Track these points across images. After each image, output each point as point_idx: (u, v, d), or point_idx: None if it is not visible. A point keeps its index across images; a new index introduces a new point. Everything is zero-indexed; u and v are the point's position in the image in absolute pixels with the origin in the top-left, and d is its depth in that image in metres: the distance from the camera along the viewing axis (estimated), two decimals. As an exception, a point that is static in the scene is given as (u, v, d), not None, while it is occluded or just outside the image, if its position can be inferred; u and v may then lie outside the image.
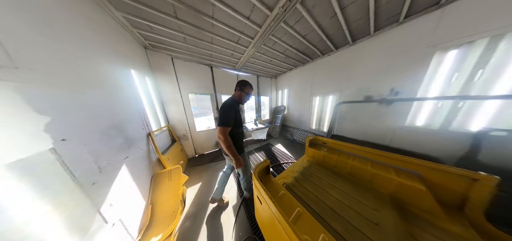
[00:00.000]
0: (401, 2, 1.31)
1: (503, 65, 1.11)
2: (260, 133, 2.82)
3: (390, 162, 0.97)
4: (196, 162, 2.75)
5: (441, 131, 1.41)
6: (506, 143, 1.06)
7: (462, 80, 1.28)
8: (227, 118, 0.93)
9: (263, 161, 1.01)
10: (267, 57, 2.59)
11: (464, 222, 0.66)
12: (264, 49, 2.23)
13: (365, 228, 0.65)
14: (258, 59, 2.70)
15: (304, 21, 1.46)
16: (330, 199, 0.90)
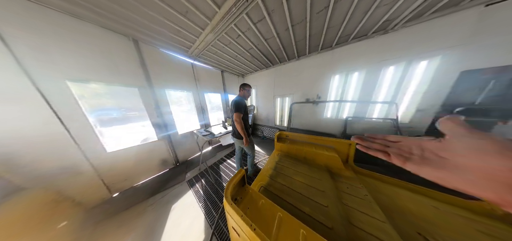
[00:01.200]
0: (318, 39, 1.98)
1: (354, 86, 2.34)
2: (228, 137, 2.48)
3: (321, 142, 1.44)
4: (119, 204, 1.59)
5: (335, 119, 2.60)
6: (354, 123, 2.32)
7: (342, 91, 2.46)
8: (240, 107, 1.32)
9: (237, 173, 0.84)
10: (232, 52, 2.25)
11: (349, 168, 1.22)
12: (227, 41, 1.86)
13: (319, 198, 0.85)
14: (222, 51, 2.23)
15: (265, 24, 1.48)
16: (297, 184, 1.04)
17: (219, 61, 2.68)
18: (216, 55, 2.38)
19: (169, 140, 2.30)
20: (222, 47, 2.03)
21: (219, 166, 2.43)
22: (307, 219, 0.72)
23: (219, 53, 2.26)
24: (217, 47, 2.04)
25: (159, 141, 2.16)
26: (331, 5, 1.16)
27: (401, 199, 0.93)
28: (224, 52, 2.25)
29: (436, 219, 0.77)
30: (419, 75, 1.72)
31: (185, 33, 1.62)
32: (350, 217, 0.76)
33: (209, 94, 3.20)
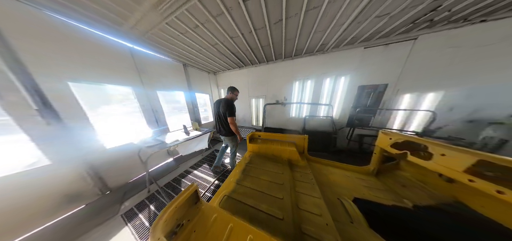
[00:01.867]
0: (280, 48, 2.27)
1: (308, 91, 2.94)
2: (197, 143, 2.04)
3: (286, 139, 1.67)
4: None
5: (297, 118, 3.14)
6: (310, 120, 2.91)
7: (301, 95, 3.02)
8: (233, 110, 1.57)
9: (187, 189, 0.69)
10: (194, 44, 1.94)
11: (304, 158, 1.48)
12: (183, 29, 1.56)
13: (277, 192, 0.94)
14: (180, 41, 1.85)
15: (226, 20, 1.42)
16: (262, 183, 1.08)
17: (179, 52, 2.22)
18: (173, 45, 1.95)
19: (85, 161, 1.49)
20: (178, 35, 1.69)
21: (181, 181, 1.97)
22: (262, 216, 0.74)
23: (176, 42, 1.87)
24: (170, 34, 1.66)
25: (57, 166, 1.31)
26: (284, 19, 1.35)
27: (332, 175, 1.25)
28: (183, 42, 1.89)
29: (345, 183, 1.09)
30: (341, 86, 2.54)
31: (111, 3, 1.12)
32: (298, 202, 0.90)
33: (164, 92, 2.53)
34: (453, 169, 0.69)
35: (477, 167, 0.62)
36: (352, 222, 0.76)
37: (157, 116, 2.32)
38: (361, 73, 2.28)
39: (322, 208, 0.80)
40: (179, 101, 2.88)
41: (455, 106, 1.85)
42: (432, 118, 1.92)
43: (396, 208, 0.81)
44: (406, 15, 1.39)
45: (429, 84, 1.92)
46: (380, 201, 0.90)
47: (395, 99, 2.18)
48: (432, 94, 1.97)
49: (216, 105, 1.65)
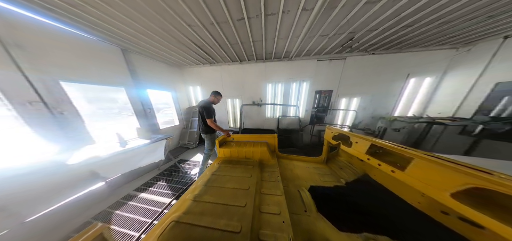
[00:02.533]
0: (250, 49, 2.27)
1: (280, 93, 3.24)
2: (144, 156, 1.48)
3: (259, 139, 1.66)
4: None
5: (272, 118, 3.33)
6: (282, 120, 3.18)
7: (274, 96, 3.24)
8: (210, 112, 1.63)
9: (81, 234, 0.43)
10: (135, 24, 1.41)
11: (274, 156, 1.52)
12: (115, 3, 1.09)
13: (240, 200, 0.86)
14: (111, 16, 1.27)
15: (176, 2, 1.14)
16: (225, 193, 0.97)
17: (111, 30, 1.54)
18: (98, 19, 1.31)
19: None
20: (107, 9, 1.14)
21: (111, 214, 1.34)
22: (217, 236, 0.63)
23: (104, 16, 1.28)
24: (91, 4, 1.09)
25: None
26: (246, 18, 1.34)
27: (296, 169, 1.35)
28: (117, 19, 1.34)
29: (305, 175, 1.21)
30: (304, 90, 3.00)
31: None
32: (262, 205, 0.86)
33: (84, 84, 1.69)
34: (360, 152, 0.96)
35: (371, 149, 0.91)
36: (305, 211, 0.85)
37: (63, 121, 1.46)
38: (317, 80, 2.82)
39: (282, 205, 0.82)
40: (116, 100, 2.04)
41: (365, 107, 2.78)
42: (355, 115, 2.78)
43: (336, 188, 1.05)
44: (337, 40, 1.89)
45: (353, 91, 2.74)
46: (327, 184, 1.10)
47: (338, 101, 2.90)
48: (355, 98, 2.83)
49: (199, 104, 1.72)
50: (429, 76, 2.40)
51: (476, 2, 1.14)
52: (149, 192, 1.61)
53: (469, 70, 2.05)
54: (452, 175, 0.49)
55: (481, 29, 1.59)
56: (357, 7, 1.18)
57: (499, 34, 1.73)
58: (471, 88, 2.03)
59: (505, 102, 1.77)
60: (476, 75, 1.97)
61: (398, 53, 2.31)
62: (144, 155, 1.46)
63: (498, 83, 1.82)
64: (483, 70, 1.92)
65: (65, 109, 1.47)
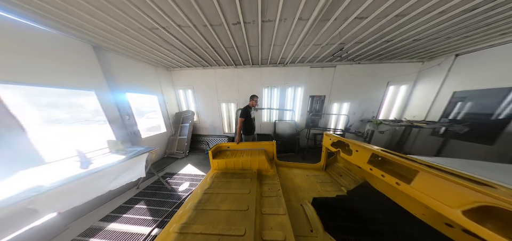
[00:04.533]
0: (246, 54, 2.26)
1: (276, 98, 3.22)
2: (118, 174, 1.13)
3: (256, 147, 1.56)
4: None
5: (269, 122, 3.27)
6: (278, 124, 3.15)
7: (270, 101, 3.22)
8: (243, 114, 1.85)
9: None
10: (110, 18, 1.17)
11: (273, 164, 1.43)
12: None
13: (238, 226, 0.73)
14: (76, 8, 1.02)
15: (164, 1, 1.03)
16: (221, 218, 0.84)
17: (75, 23, 1.25)
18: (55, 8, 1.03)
19: None
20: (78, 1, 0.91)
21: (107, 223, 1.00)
22: None
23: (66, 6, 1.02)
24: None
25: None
26: (242, 23, 1.29)
27: (296, 178, 1.24)
28: (85, 10, 1.09)
29: (306, 185, 1.13)
30: (299, 95, 3.08)
31: None
32: (264, 228, 0.74)
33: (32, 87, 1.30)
34: (361, 161, 0.95)
35: (372, 158, 0.91)
36: (311, 231, 0.77)
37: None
38: (311, 86, 2.93)
39: (286, 228, 0.71)
40: (83, 106, 1.65)
41: (355, 111, 2.99)
42: (347, 119, 2.94)
43: (338, 197, 1.00)
44: (328, 49, 2.01)
45: (343, 97, 2.93)
46: (329, 194, 1.04)
47: (330, 106, 3.04)
48: (345, 103, 3.02)
49: None
50: (404, 84, 2.74)
51: (441, 25, 1.34)
52: (121, 221, 1.27)
53: (434, 80, 2.42)
54: (460, 192, 0.48)
55: (439, 46, 1.90)
56: (348, 21, 1.26)
57: (452, 52, 2.12)
58: (436, 95, 2.38)
59: (460, 106, 2.13)
60: (438, 85, 2.33)
61: (379, 63, 2.60)
62: (117, 175, 1.14)
63: (455, 92, 2.18)
64: (443, 81, 2.30)
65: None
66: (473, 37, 1.60)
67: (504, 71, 1.74)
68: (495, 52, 1.82)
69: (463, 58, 2.10)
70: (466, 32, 1.50)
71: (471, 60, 2.03)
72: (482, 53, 1.91)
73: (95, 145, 1.47)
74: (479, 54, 1.95)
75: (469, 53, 2.03)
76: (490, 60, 1.86)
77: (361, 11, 1.13)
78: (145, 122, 2.80)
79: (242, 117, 1.80)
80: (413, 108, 2.75)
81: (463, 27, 1.40)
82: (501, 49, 1.77)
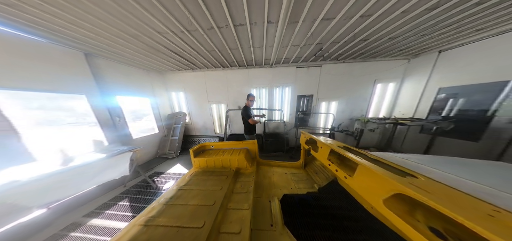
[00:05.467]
0: (229, 55, 2.33)
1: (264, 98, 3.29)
2: (99, 172, 1.22)
3: (239, 146, 1.57)
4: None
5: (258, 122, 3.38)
6: (269, 124, 3.16)
7: (259, 101, 3.28)
8: (248, 112, 1.98)
9: None
10: (91, 27, 1.27)
11: (254, 163, 1.45)
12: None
13: (199, 219, 0.76)
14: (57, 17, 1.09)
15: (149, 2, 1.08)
16: (185, 213, 0.85)
17: (66, 34, 1.39)
18: (45, 20, 1.15)
19: None
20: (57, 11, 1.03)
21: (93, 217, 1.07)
22: None
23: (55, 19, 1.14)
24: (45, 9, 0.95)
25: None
26: (216, 28, 1.37)
27: (274, 175, 1.27)
28: (74, 23, 1.20)
29: (281, 182, 1.16)
30: (287, 95, 3.12)
31: None
32: (223, 222, 0.77)
33: (25, 92, 1.42)
34: (323, 157, 0.98)
35: (330, 155, 0.93)
36: (272, 225, 0.79)
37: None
38: (298, 86, 2.97)
39: (245, 222, 0.74)
40: (73, 109, 1.77)
41: (343, 110, 2.99)
42: (332, 118, 2.94)
43: (308, 194, 1.02)
44: (308, 50, 2.06)
45: (330, 95, 2.95)
46: (301, 191, 1.06)
47: (318, 105, 3.06)
48: (333, 102, 3.04)
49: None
50: (391, 82, 2.74)
51: (409, 24, 1.37)
52: (103, 217, 1.36)
53: (419, 77, 2.41)
54: (383, 182, 0.50)
55: (421, 43, 1.91)
56: (317, 22, 1.32)
57: (436, 48, 2.12)
58: (422, 92, 2.37)
59: (452, 103, 2.08)
60: (424, 82, 2.32)
61: (364, 62, 2.61)
62: (97, 173, 1.22)
63: (441, 88, 2.17)
64: (428, 78, 2.29)
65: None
66: (448, 34, 1.61)
67: (486, 66, 1.73)
68: (475, 48, 1.81)
69: (447, 54, 2.10)
70: (440, 30, 1.52)
71: (454, 56, 2.02)
72: (464, 48, 1.91)
73: (83, 145, 1.56)
74: (461, 50, 1.94)
75: (453, 49, 2.02)
76: (471, 56, 1.85)
77: (326, 12, 1.18)
78: (137, 123, 2.90)
79: (249, 116, 1.92)
80: (401, 106, 2.73)
81: (433, 25, 1.42)
82: (480, 45, 1.76)
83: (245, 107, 1.96)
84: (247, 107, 1.96)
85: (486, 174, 0.72)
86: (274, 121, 3.20)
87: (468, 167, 0.84)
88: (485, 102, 1.73)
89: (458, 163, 0.91)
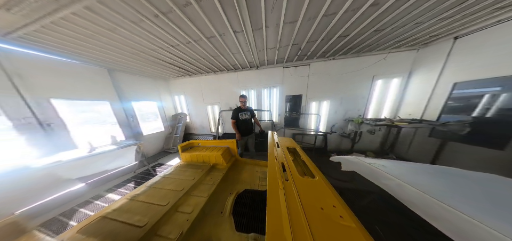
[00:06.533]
0: (216, 62, 2.54)
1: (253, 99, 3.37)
2: (112, 159, 1.69)
3: (221, 144, 1.74)
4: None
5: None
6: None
7: (248, 102, 3.38)
8: (233, 115, 1.99)
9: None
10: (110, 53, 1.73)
11: (232, 160, 1.61)
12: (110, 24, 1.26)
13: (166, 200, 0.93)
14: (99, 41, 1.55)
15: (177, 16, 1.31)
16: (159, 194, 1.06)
17: (97, 56, 1.90)
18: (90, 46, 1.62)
19: None
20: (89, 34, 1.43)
21: (75, 212, 1.56)
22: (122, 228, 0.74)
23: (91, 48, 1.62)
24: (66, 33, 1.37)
25: None
26: (193, 42, 1.56)
27: (245, 172, 1.39)
28: (100, 51, 1.68)
29: (249, 178, 1.26)
30: (275, 95, 3.13)
31: None
32: (182, 204, 0.94)
33: (72, 101, 2.05)
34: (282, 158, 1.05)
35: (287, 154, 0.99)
36: (221, 212, 0.94)
37: (50, 132, 1.80)
38: (286, 86, 2.94)
39: (198, 206, 0.91)
40: (100, 112, 2.39)
41: (336, 110, 2.78)
42: (318, 119, 2.78)
43: (265, 191, 1.12)
44: (287, 51, 2.03)
45: (321, 95, 2.78)
46: (261, 188, 1.15)
47: (308, 105, 2.94)
48: (325, 102, 2.85)
49: None
50: (395, 77, 2.38)
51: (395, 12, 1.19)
52: (116, 193, 1.84)
53: (430, 71, 2.01)
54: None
55: (430, 30, 1.58)
56: (280, 29, 1.34)
57: (450, 34, 1.73)
58: (433, 88, 1.97)
59: (468, 102, 1.68)
60: (436, 76, 1.93)
61: (358, 57, 2.36)
62: (110, 160, 1.68)
63: (456, 83, 1.77)
64: (441, 70, 1.89)
65: (53, 122, 1.81)
66: (468, 14, 1.30)
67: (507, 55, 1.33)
68: (499, 32, 1.40)
69: (465, 41, 1.69)
70: (441, 14, 1.26)
71: (474, 42, 1.60)
72: (485, 33, 1.50)
73: (105, 139, 2.09)
74: (481, 34, 1.53)
75: (472, 34, 1.60)
76: (491, 43, 1.44)
77: (286, 17, 1.20)
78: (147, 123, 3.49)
79: (232, 119, 1.95)
80: (409, 105, 2.33)
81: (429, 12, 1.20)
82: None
83: (236, 108, 2.02)
84: (236, 109, 2.01)
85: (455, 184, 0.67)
86: (264, 122, 3.27)
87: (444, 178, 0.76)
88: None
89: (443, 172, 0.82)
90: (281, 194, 0.46)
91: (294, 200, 0.45)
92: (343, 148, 2.84)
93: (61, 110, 1.89)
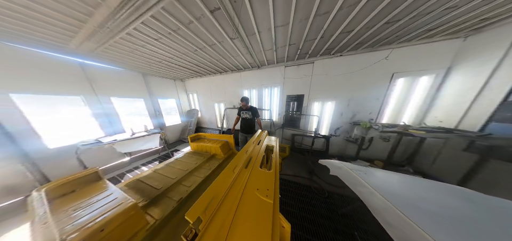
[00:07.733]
0: (219, 64, 2.79)
1: (255, 98, 3.51)
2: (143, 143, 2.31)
3: (222, 138, 2.02)
4: None
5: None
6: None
7: (250, 100, 3.56)
8: (238, 112, 2.21)
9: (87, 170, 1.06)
10: (149, 58, 2.26)
11: (229, 152, 1.90)
12: (141, 42, 1.64)
13: (174, 175, 1.24)
14: (135, 55, 2.09)
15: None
16: (172, 171, 1.38)
17: (135, 64, 2.53)
18: (130, 58, 2.21)
19: (25, 159, 1.74)
20: (132, 47, 1.97)
21: (123, 175, 2.30)
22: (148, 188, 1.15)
23: (132, 55, 2.15)
24: (122, 49, 1.90)
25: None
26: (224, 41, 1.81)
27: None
28: (138, 56, 2.21)
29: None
30: (275, 95, 3.14)
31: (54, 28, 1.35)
32: (185, 180, 1.29)
33: (120, 98, 2.83)
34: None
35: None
36: None
37: (111, 120, 2.62)
38: (287, 86, 2.89)
39: (195, 183, 1.22)
40: (138, 107, 3.20)
41: (342, 113, 2.53)
42: (318, 120, 2.63)
43: None
44: (285, 51, 2.01)
45: (325, 95, 2.59)
46: None
47: (310, 106, 2.81)
48: (329, 102, 2.65)
49: None
50: (425, 74, 1.91)
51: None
52: (146, 166, 2.55)
53: (482, 65, 1.51)
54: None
55: (484, 10, 1.20)
56: (273, 32, 1.37)
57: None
58: (481, 88, 1.50)
59: None
60: (489, 71, 1.44)
61: (372, 51, 2.02)
62: (144, 143, 2.35)
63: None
64: (498, 64, 1.39)
65: (111, 112, 2.64)
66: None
67: None
68: None
69: None
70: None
71: None
72: None
73: (141, 127, 2.84)
74: None
75: None
76: None
77: (276, 21, 1.24)
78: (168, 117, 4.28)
79: (237, 115, 2.24)
80: (441, 109, 1.86)
81: None
82: None
83: (239, 107, 2.23)
84: (239, 107, 2.22)
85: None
86: (264, 120, 3.38)
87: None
88: None
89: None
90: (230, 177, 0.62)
91: (242, 180, 0.61)
92: (347, 154, 2.62)
93: (117, 105, 2.72)
